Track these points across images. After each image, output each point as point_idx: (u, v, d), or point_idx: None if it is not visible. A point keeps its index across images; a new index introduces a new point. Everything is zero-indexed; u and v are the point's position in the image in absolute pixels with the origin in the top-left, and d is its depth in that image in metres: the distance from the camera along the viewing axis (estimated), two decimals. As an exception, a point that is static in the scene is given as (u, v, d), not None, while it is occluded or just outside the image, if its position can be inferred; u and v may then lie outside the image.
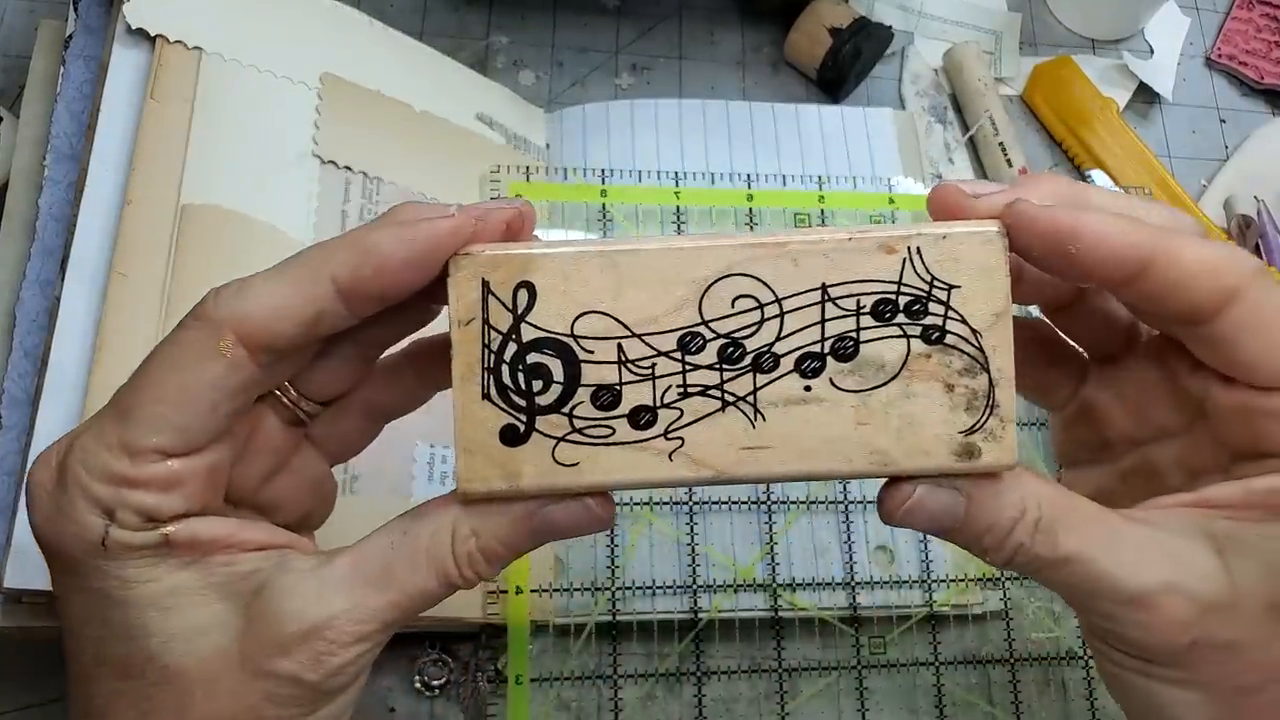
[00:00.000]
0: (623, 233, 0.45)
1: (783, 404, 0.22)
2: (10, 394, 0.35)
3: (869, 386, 0.22)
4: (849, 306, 0.22)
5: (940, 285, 0.22)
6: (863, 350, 0.22)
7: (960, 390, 0.22)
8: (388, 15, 0.49)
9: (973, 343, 0.22)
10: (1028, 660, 0.42)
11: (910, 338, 0.22)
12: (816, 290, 0.22)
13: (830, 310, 0.22)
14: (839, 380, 0.22)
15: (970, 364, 0.22)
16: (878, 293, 0.22)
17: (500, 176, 0.44)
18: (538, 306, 0.22)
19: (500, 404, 0.22)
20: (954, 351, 0.22)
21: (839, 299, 0.22)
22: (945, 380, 0.23)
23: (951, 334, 0.22)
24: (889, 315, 0.22)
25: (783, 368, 0.22)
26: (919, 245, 0.22)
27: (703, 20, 0.53)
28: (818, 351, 0.22)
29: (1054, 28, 0.57)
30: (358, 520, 0.37)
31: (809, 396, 0.22)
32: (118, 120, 0.37)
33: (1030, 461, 0.44)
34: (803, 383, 0.22)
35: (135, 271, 0.35)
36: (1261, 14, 0.58)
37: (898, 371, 0.22)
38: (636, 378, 0.22)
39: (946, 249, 0.22)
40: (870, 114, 0.50)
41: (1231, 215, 0.52)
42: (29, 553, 0.32)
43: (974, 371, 0.22)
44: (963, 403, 0.22)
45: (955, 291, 0.22)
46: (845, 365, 0.22)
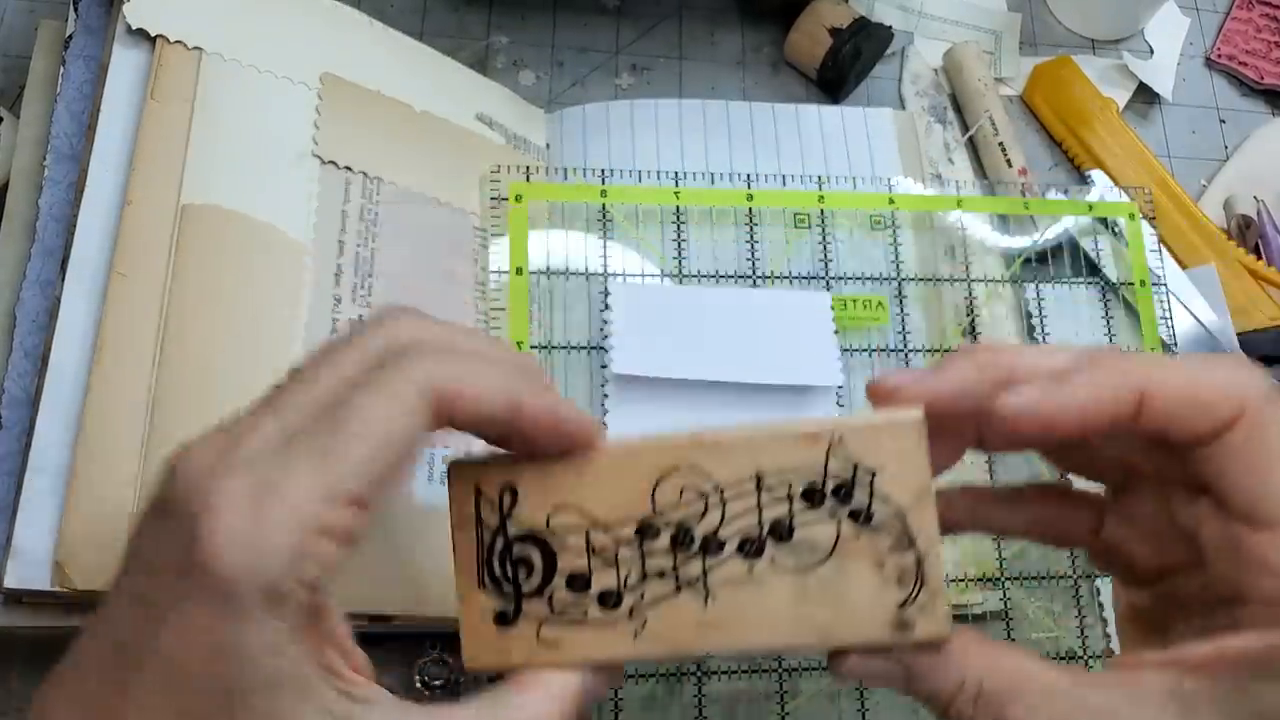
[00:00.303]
0: (623, 233, 0.45)
1: (730, 584, 0.25)
2: (10, 394, 0.35)
3: (805, 566, 0.25)
4: (781, 493, 0.25)
5: (864, 470, 0.24)
6: (797, 533, 0.25)
7: (890, 567, 0.24)
8: (388, 15, 0.49)
9: (898, 522, 0.24)
10: (1027, 660, 0.42)
11: (840, 520, 0.24)
12: (751, 480, 0.25)
13: (765, 497, 0.25)
14: (779, 560, 0.25)
15: (897, 541, 0.24)
16: (806, 480, 0.25)
17: (500, 176, 0.44)
18: (519, 505, 0.25)
19: (492, 591, 0.25)
20: (881, 531, 0.24)
21: (772, 486, 0.25)
22: (875, 559, 0.24)
23: (877, 515, 0.24)
24: (819, 500, 0.25)
25: (727, 550, 0.25)
26: (841, 434, 0.24)
27: (703, 20, 0.53)
28: (757, 535, 0.25)
29: (1054, 28, 0.57)
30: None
31: (752, 577, 0.25)
32: (118, 120, 0.37)
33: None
34: (746, 564, 0.25)
35: (135, 271, 0.35)
36: (1261, 14, 0.58)
37: (830, 552, 0.24)
38: (603, 564, 0.25)
39: (867, 437, 0.24)
40: (870, 114, 0.50)
41: (1231, 215, 0.52)
42: (29, 553, 0.32)
43: (901, 548, 0.24)
44: (893, 578, 0.24)
45: (878, 476, 0.24)
46: (782, 547, 0.25)
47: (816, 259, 0.46)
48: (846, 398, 0.44)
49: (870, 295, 0.46)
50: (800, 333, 0.44)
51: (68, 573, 0.32)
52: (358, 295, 0.39)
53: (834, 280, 0.46)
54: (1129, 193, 0.49)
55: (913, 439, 0.24)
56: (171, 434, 0.34)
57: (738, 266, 0.45)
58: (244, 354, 0.36)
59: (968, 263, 0.47)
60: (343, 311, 0.39)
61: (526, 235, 0.44)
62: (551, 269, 0.44)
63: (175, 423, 0.34)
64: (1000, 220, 0.49)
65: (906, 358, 0.45)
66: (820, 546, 0.25)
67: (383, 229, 0.41)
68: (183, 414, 0.34)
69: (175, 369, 0.35)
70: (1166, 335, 0.47)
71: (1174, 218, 0.50)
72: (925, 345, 0.45)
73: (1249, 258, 0.49)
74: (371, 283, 0.40)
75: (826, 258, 0.46)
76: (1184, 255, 0.50)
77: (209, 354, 0.35)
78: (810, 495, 0.25)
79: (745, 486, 0.25)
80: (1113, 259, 0.48)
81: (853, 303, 0.45)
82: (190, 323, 0.35)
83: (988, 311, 0.47)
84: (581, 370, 0.43)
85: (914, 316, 0.46)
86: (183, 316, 0.35)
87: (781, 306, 0.44)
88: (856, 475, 0.24)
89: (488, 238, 0.44)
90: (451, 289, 0.42)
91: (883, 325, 0.45)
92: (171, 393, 0.34)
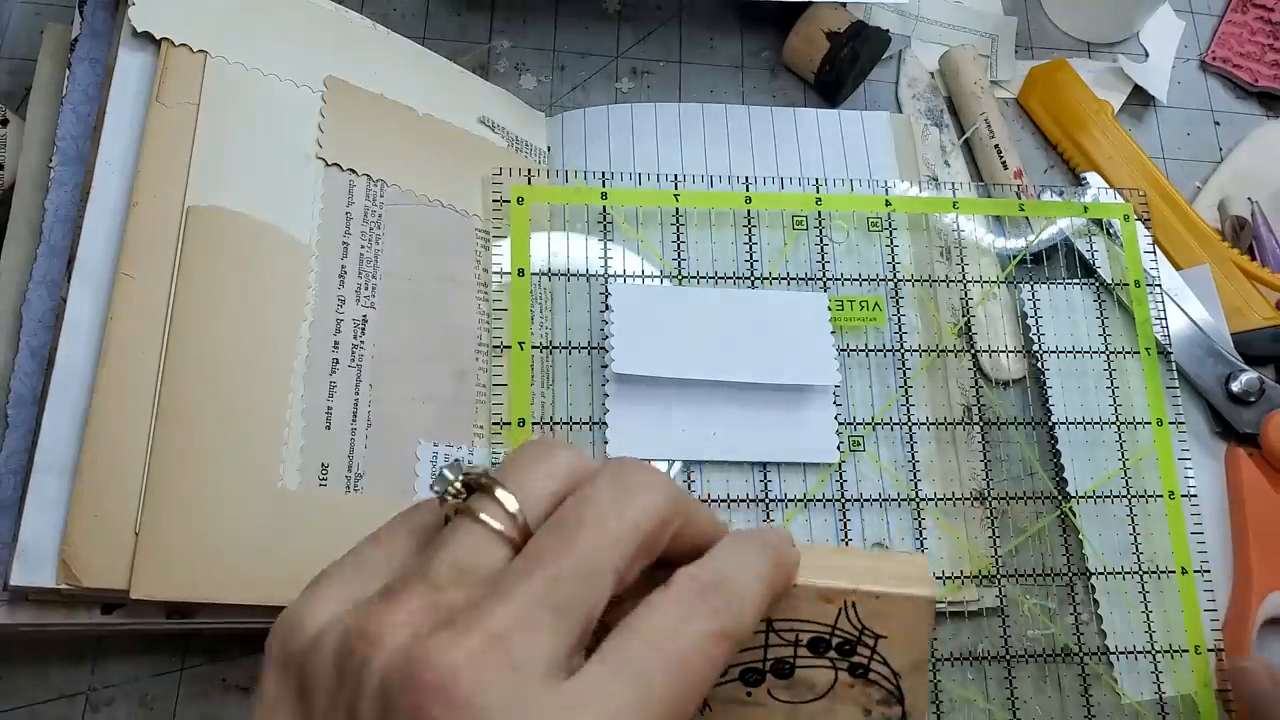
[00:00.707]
0: (623, 235, 0.45)
1: (728, 701, 0.27)
2: (17, 393, 0.36)
3: (800, 700, 0.27)
4: (788, 638, 0.26)
5: (869, 634, 0.26)
6: (797, 673, 0.26)
7: (876, 714, 0.27)
8: (391, 20, 0.50)
9: (892, 681, 0.26)
10: (1023, 657, 0.42)
11: (838, 669, 0.26)
12: (763, 624, 0.26)
13: (773, 639, 0.26)
14: (775, 692, 0.27)
15: (887, 696, 0.27)
16: (814, 633, 0.26)
17: (502, 179, 0.45)
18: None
19: None
20: (874, 685, 0.26)
21: (781, 631, 0.26)
22: (864, 706, 0.27)
23: (875, 672, 0.26)
24: (822, 650, 0.26)
25: (729, 676, 0.27)
26: (854, 600, 0.26)
27: (702, 25, 0.54)
28: (759, 669, 0.26)
29: (1049, 31, 0.57)
30: (361, 518, 0.37)
31: (749, 700, 0.27)
32: (123, 123, 0.37)
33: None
34: (744, 689, 0.27)
35: (141, 273, 0.35)
36: (1255, 17, 0.59)
37: (825, 693, 0.27)
38: None
39: (878, 606, 0.26)
40: (867, 117, 0.51)
41: (1225, 217, 0.52)
42: (35, 551, 0.32)
43: (890, 703, 0.27)
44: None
45: (881, 642, 0.26)
46: (781, 681, 0.26)
47: (814, 260, 0.46)
48: (844, 397, 0.44)
49: (867, 296, 0.46)
50: (798, 333, 0.44)
51: (73, 571, 0.32)
52: (362, 296, 0.40)
53: (831, 281, 0.46)
54: (1124, 194, 0.50)
55: (921, 615, 0.26)
56: (176, 433, 0.34)
57: (736, 268, 0.46)
58: (249, 354, 0.36)
59: (964, 264, 0.48)
60: (346, 313, 0.39)
61: (528, 237, 0.44)
62: (553, 270, 0.44)
63: (180, 422, 0.34)
64: (996, 222, 0.49)
65: (903, 358, 0.46)
66: (816, 687, 0.26)
67: (386, 231, 0.41)
68: (188, 414, 0.35)
69: (180, 369, 0.35)
70: (1161, 336, 0.47)
71: (1169, 219, 0.51)
72: (921, 345, 0.46)
73: (1243, 259, 0.50)
74: (375, 284, 0.40)
75: (824, 259, 0.47)
76: (1178, 256, 0.50)
77: (214, 354, 0.36)
78: (815, 644, 0.26)
79: (757, 628, 0.26)
80: (1107, 260, 0.48)
81: (850, 303, 0.46)
82: (195, 323, 0.36)
83: (983, 312, 0.47)
84: (582, 370, 0.43)
85: (910, 317, 0.46)
86: (188, 317, 0.35)
87: (780, 307, 0.45)
88: (861, 636, 0.26)
89: (490, 239, 0.44)
90: (454, 290, 0.42)
91: (879, 326, 0.46)
92: (177, 393, 0.35)
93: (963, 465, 0.44)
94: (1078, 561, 0.44)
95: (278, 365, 0.37)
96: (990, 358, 0.46)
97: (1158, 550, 0.44)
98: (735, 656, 0.25)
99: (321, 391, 0.38)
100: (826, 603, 0.26)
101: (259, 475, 0.35)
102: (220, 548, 0.34)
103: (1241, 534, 0.45)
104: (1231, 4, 0.60)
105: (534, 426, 0.42)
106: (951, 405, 0.45)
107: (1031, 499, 0.44)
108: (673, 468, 0.42)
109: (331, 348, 0.38)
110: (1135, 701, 0.42)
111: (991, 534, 0.43)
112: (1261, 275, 0.49)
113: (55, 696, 0.37)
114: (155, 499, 0.33)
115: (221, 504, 0.34)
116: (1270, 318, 0.48)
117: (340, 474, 0.37)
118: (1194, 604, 0.43)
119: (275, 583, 0.35)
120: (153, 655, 0.38)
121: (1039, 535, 0.44)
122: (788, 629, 0.26)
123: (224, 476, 0.35)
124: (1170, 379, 0.47)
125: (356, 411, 0.38)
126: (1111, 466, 0.45)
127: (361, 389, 0.39)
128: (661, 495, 0.23)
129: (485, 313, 0.43)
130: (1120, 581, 0.43)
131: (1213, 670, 0.42)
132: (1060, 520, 0.44)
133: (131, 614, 0.35)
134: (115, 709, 0.38)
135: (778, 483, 0.43)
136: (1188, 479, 0.45)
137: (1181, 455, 0.45)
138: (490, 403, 0.41)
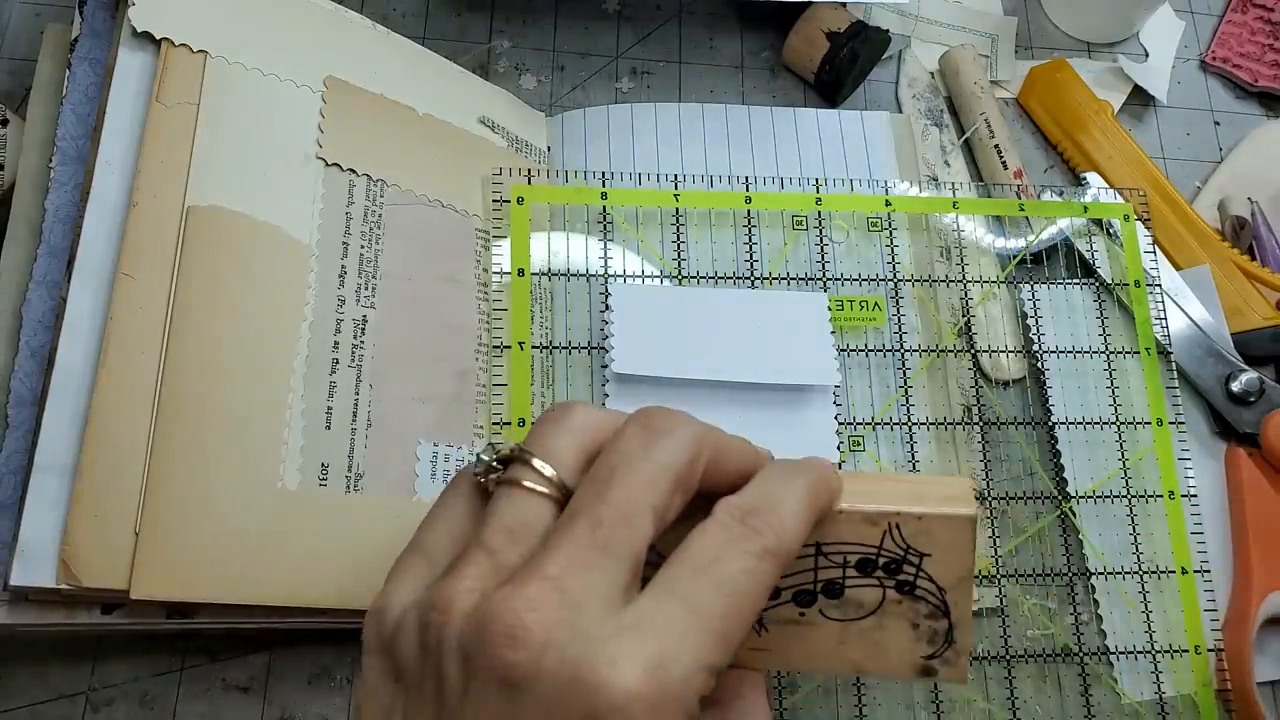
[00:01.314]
0: (623, 235, 0.45)
1: (782, 622, 0.28)
2: (17, 393, 0.36)
3: (850, 618, 0.27)
4: (837, 560, 0.27)
5: (913, 553, 0.27)
6: (847, 593, 0.27)
7: (924, 628, 0.27)
8: (391, 19, 0.50)
9: (937, 596, 0.27)
10: (1023, 657, 0.42)
11: (885, 587, 0.27)
12: (811, 547, 0.27)
13: (822, 562, 0.27)
14: (826, 611, 0.28)
15: (934, 610, 0.27)
16: (860, 554, 0.27)
17: (502, 179, 0.45)
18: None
19: None
20: (921, 600, 0.27)
21: (829, 554, 0.27)
22: (912, 620, 0.27)
23: (920, 588, 0.27)
24: (869, 570, 0.27)
25: (782, 598, 0.27)
26: (898, 522, 0.27)
27: (702, 25, 0.54)
28: (810, 590, 0.27)
29: (1049, 31, 0.57)
30: (361, 518, 0.37)
31: (802, 620, 0.28)
32: (123, 123, 0.37)
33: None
34: (797, 610, 0.28)
35: (141, 273, 0.35)
36: (1256, 17, 0.59)
37: (874, 610, 0.27)
38: None
39: (921, 526, 0.27)
40: (867, 117, 0.51)
41: (1225, 217, 0.52)
42: (35, 551, 0.33)
43: (936, 616, 0.27)
44: (925, 637, 0.28)
45: (926, 560, 0.27)
46: (832, 601, 0.27)
47: (814, 260, 0.46)
48: (843, 397, 0.44)
49: (867, 296, 0.46)
50: (798, 333, 0.44)
51: (73, 571, 0.32)
52: (362, 296, 0.40)
53: (831, 281, 0.46)
54: (1124, 194, 0.50)
55: (963, 533, 0.27)
56: (176, 433, 0.34)
57: (736, 268, 0.46)
58: (249, 355, 0.36)
59: (964, 264, 0.48)
60: (346, 313, 0.39)
61: (528, 237, 0.44)
62: (553, 270, 0.44)
63: (180, 422, 0.34)
64: (996, 222, 0.49)
65: (903, 358, 0.46)
66: (865, 605, 0.27)
67: (386, 231, 0.41)
68: (188, 414, 0.35)
69: (180, 369, 0.35)
70: (1161, 336, 0.47)
71: (1169, 219, 0.51)
72: (921, 345, 0.46)
73: (1243, 258, 0.50)
74: (375, 284, 0.40)
75: (824, 259, 0.47)
76: (1178, 256, 0.50)
77: (214, 354, 0.36)
78: (863, 565, 0.27)
79: (805, 552, 0.27)
80: (1107, 260, 0.48)
81: (850, 303, 0.46)
82: (195, 323, 0.36)
83: (983, 312, 0.47)
84: (582, 370, 0.43)
85: (910, 317, 0.46)
86: (188, 317, 0.35)
87: (780, 307, 0.45)
88: (906, 555, 0.27)
89: (490, 239, 0.44)
90: (454, 290, 0.42)
91: (879, 326, 0.46)
92: (177, 393, 0.35)
93: (963, 465, 0.44)
94: (1078, 561, 0.44)
95: (278, 365, 0.37)
96: (990, 358, 0.46)
97: (1158, 550, 0.44)
98: (786, 579, 0.27)
99: (321, 391, 0.38)
100: (871, 525, 0.27)
101: (259, 475, 0.35)
102: (220, 548, 0.34)
103: (1241, 534, 0.45)
104: (1231, 4, 0.60)
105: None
106: (951, 405, 0.45)
107: (1031, 499, 0.44)
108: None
109: (331, 348, 0.38)
110: (1135, 701, 0.42)
111: (991, 534, 0.43)
112: (1261, 275, 0.49)
113: (55, 696, 0.37)
114: (155, 499, 0.33)
115: (221, 504, 0.34)
116: (1270, 318, 0.48)
117: (340, 474, 0.37)
118: (1194, 604, 0.43)
119: (275, 583, 0.35)
120: (153, 655, 0.38)
121: (1039, 535, 0.44)
122: (835, 552, 0.27)
123: (224, 476, 0.35)
124: (1170, 379, 0.47)
125: (356, 411, 0.38)
126: (1111, 466, 0.45)
127: (361, 389, 0.39)
128: (687, 434, 0.24)
129: (485, 313, 0.43)
130: (1120, 581, 0.43)
131: (1213, 670, 0.42)
132: (1060, 520, 0.44)
133: (131, 614, 0.35)
134: (115, 709, 0.38)
135: (778, 483, 0.43)
136: (1188, 479, 0.45)
137: (1181, 455, 0.45)
138: (490, 403, 0.41)
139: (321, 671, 0.39)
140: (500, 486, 0.24)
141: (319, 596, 0.36)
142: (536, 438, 0.25)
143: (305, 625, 0.37)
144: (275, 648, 0.39)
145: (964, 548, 0.27)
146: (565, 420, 0.25)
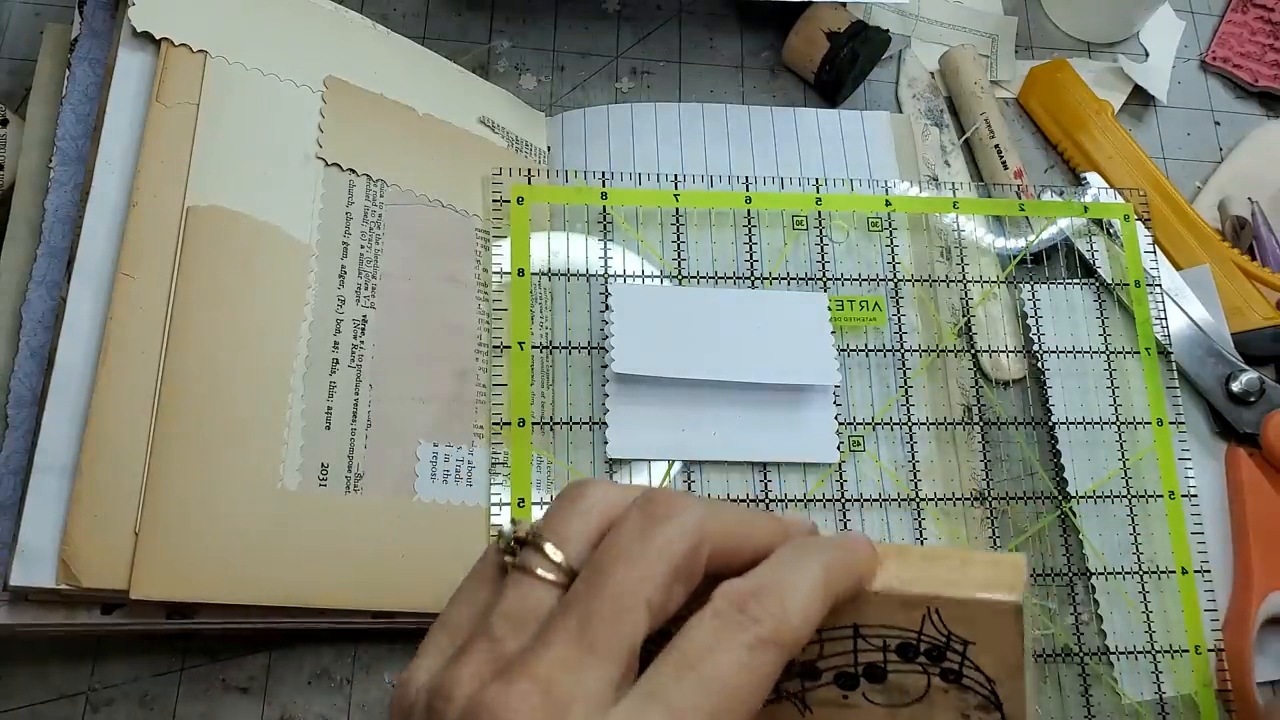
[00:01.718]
0: (623, 235, 0.45)
1: (826, 704, 0.26)
2: (16, 393, 0.36)
3: (896, 704, 0.26)
4: (876, 644, 0.25)
5: (956, 640, 0.25)
6: (890, 678, 0.25)
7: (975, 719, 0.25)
8: (391, 20, 0.50)
9: (987, 687, 0.25)
10: (1024, 657, 0.42)
11: (930, 674, 0.25)
12: (848, 629, 0.25)
13: (861, 645, 0.25)
14: (870, 695, 0.26)
15: (984, 702, 0.25)
16: (900, 638, 0.25)
17: (502, 179, 0.45)
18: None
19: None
20: (969, 691, 0.25)
21: (868, 636, 0.25)
22: (962, 711, 0.25)
23: (968, 677, 0.25)
24: (911, 656, 0.25)
25: (824, 679, 0.26)
26: (937, 607, 0.25)
27: (702, 25, 0.54)
28: (851, 673, 0.26)
29: (1049, 31, 0.57)
30: (361, 519, 0.37)
31: (846, 703, 0.26)
32: (123, 123, 0.37)
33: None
34: (840, 692, 0.26)
35: (141, 273, 0.35)
36: (1256, 17, 0.59)
37: (920, 696, 0.25)
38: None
39: (962, 612, 0.24)
40: (867, 117, 0.51)
41: (1225, 217, 0.52)
42: (35, 551, 0.33)
43: (988, 709, 0.25)
44: None
45: (970, 648, 0.25)
46: (876, 686, 0.26)
47: (814, 260, 0.46)
48: (844, 397, 0.44)
49: (867, 296, 0.46)
50: (798, 333, 0.44)
51: (73, 571, 0.32)
52: (362, 296, 0.40)
53: (831, 281, 0.46)
54: (1124, 194, 0.50)
55: (1008, 621, 0.24)
56: (176, 433, 0.34)
57: (736, 268, 0.46)
58: (249, 354, 0.36)
59: (964, 264, 0.48)
60: (346, 313, 0.39)
61: (528, 237, 0.44)
62: (553, 270, 0.44)
63: (180, 422, 0.34)
64: (996, 222, 0.49)
65: (903, 358, 0.46)
66: (911, 691, 0.25)
67: (386, 230, 0.41)
68: (188, 414, 0.35)
69: (180, 369, 0.35)
70: (1161, 336, 0.47)
71: (1169, 219, 0.51)
72: (921, 345, 0.46)
73: (1243, 258, 0.50)
74: (375, 284, 0.40)
75: (824, 259, 0.47)
76: (1179, 256, 0.50)
77: (214, 354, 0.36)
78: (904, 650, 0.25)
79: (843, 634, 0.25)
80: (1108, 260, 0.48)
81: (850, 303, 0.46)
82: (195, 323, 0.36)
83: (983, 312, 0.47)
84: (582, 370, 0.43)
85: (910, 317, 0.46)
86: (188, 317, 0.35)
87: (780, 307, 0.45)
88: (949, 643, 0.25)
89: (490, 239, 0.44)
90: (454, 290, 0.42)
91: (879, 326, 0.46)
92: (176, 393, 0.35)
93: (963, 465, 0.44)
94: (1078, 561, 0.44)
95: (278, 365, 0.37)
96: (990, 358, 0.46)
97: (1158, 550, 0.44)
98: (825, 661, 0.26)
99: (321, 391, 0.38)
100: (909, 609, 0.25)
101: (259, 475, 0.35)
102: (220, 548, 0.34)
103: (1241, 534, 0.45)
104: (1231, 4, 0.60)
105: (534, 426, 0.42)
106: (951, 405, 0.45)
107: (1031, 499, 0.44)
108: (673, 468, 0.42)
109: (331, 348, 0.38)
110: (1135, 701, 0.42)
111: (991, 534, 0.43)
112: (1261, 275, 0.49)
113: (55, 696, 0.37)
114: (155, 499, 0.33)
115: (221, 504, 0.34)
116: (1270, 318, 0.48)
117: (340, 474, 0.37)
118: (1194, 604, 0.43)
119: (275, 583, 0.35)
120: (153, 655, 0.38)
121: (1039, 535, 0.44)
122: (874, 634, 0.25)
123: (224, 476, 0.35)
124: (1170, 379, 0.47)
125: (356, 411, 0.38)
126: (1111, 466, 0.45)
127: (361, 389, 0.39)
128: (688, 521, 0.23)
129: (485, 313, 0.43)
130: (1120, 581, 0.43)
131: (1213, 670, 0.42)
132: (1060, 520, 0.44)
133: (131, 614, 0.35)
134: (115, 709, 0.38)
135: (778, 483, 0.43)
136: (1188, 479, 0.45)
137: (1181, 455, 0.45)
138: (490, 403, 0.41)
139: (321, 671, 0.39)
140: (512, 572, 0.24)
141: (318, 596, 0.36)
142: (550, 521, 0.25)
143: (305, 625, 0.37)
144: (275, 648, 0.39)
145: (1010, 637, 0.24)
146: (580, 501, 0.25)
